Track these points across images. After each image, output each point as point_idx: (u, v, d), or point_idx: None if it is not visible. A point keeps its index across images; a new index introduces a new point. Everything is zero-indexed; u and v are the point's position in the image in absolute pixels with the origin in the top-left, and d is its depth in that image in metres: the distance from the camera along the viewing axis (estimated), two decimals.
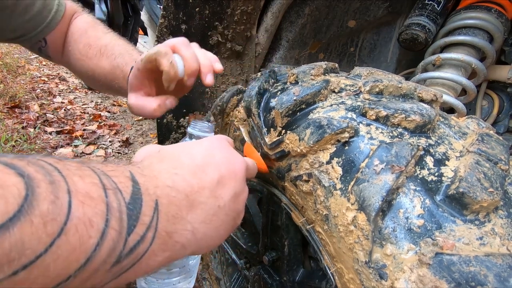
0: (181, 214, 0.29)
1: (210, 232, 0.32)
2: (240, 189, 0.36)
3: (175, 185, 0.30)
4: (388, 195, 0.34)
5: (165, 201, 0.28)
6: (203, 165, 0.33)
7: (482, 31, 0.77)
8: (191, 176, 0.31)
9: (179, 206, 0.29)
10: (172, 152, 0.34)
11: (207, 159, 0.34)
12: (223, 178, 0.33)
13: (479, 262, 0.29)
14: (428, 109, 0.41)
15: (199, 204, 0.31)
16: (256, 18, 0.92)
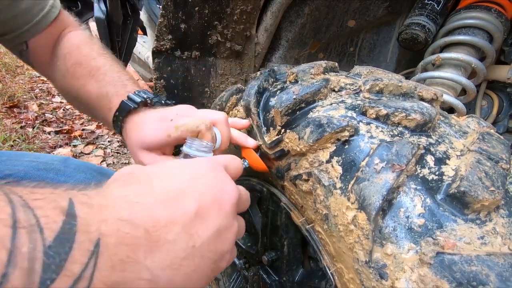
0: (135, 257, 0.22)
1: (178, 280, 0.25)
2: (226, 224, 0.28)
3: (131, 217, 0.23)
4: (388, 194, 0.34)
5: (112, 241, 0.21)
6: (179, 193, 0.26)
7: (482, 31, 0.77)
8: (159, 206, 0.25)
9: (133, 247, 0.22)
10: (146, 174, 0.27)
11: (187, 184, 0.27)
12: (203, 209, 0.26)
13: (480, 261, 0.28)
14: (428, 108, 0.41)
15: (165, 243, 0.24)
16: (255, 17, 0.92)
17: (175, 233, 0.25)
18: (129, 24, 1.22)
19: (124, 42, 1.21)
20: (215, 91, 1.05)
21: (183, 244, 0.25)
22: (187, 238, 0.25)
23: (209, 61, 0.99)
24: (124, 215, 0.23)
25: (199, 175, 0.29)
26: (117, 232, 0.22)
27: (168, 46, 0.91)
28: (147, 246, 0.23)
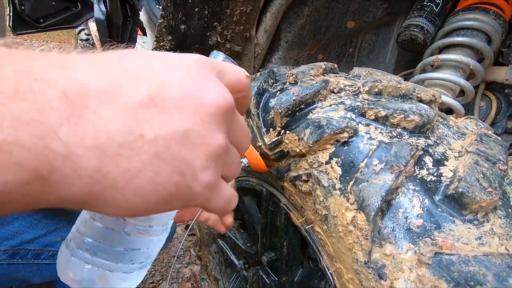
0: (42, 118, 0.15)
1: (112, 173, 0.17)
2: (202, 131, 0.20)
3: (48, 75, 0.16)
4: (387, 195, 0.34)
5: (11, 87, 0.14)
6: (138, 73, 0.19)
7: (480, 32, 0.77)
8: (100, 76, 0.17)
9: (41, 105, 0.15)
10: (126, 53, 0.20)
11: (156, 70, 0.19)
12: (164, 99, 0.19)
13: (478, 261, 0.29)
14: (427, 109, 0.41)
15: (94, 117, 0.17)
16: (255, 18, 0.92)
17: (112, 110, 0.17)
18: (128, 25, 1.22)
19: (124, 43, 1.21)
20: None
21: (124, 127, 0.17)
22: (131, 123, 0.18)
23: None
24: (41, 70, 0.16)
25: (178, 65, 0.21)
26: (25, 84, 0.15)
27: (168, 47, 0.91)
28: (64, 111, 0.16)
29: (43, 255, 0.55)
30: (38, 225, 0.55)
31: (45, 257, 0.55)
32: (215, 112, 0.21)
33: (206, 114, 0.20)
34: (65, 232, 0.57)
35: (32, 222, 0.54)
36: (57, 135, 0.16)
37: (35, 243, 0.54)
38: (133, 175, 0.18)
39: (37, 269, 0.55)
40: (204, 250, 0.97)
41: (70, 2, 1.67)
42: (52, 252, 0.56)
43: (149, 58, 0.20)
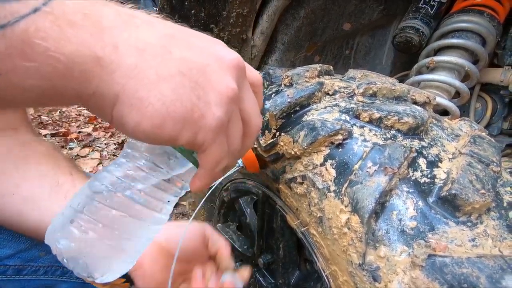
0: (102, 21, 0.20)
1: (147, 71, 0.21)
2: (221, 74, 0.24)
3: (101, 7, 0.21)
4: (381, 197, 0.34)
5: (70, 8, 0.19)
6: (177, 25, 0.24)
7: (474, 34, 0.78)
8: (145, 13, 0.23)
9: (95, 17, 0.20)
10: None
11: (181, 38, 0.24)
12: (194, 42, 0.24)
13: (471, 263, 0.29)
14: (421, 111, 0.41)
15: (136, 28, 0.22)
16: (251, 20, 0.92)
17: (151, 30, 0.23)
18: None
19: None
20: None
21: (158, 42, 0.22)
22: (164, 41, 0.23)
23: None
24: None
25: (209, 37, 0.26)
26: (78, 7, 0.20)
27: None
28: (117, 21, 0.21)
29: (25, 271, 0.50)
30: (19, 239, 0.50)
31: (27, 273, 0.51)
32: (231, 65, 0.25)
33: (224, 63, 0.25)
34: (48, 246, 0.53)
35: (14, 235, 0.49)
36: (111, 33, 0.20)
37: (16, 258, 0.49)
38: (160, 79, 0.21)
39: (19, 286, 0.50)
40: None
41: None
42: (35, 267, 0.51)
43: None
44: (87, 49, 0.19)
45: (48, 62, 0.18)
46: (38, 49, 0.18)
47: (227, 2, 0.86)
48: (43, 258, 0.52)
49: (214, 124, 0.24)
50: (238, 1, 0.86)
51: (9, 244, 0.50)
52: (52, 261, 0.53)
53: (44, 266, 0.53)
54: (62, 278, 0.56)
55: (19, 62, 0.17)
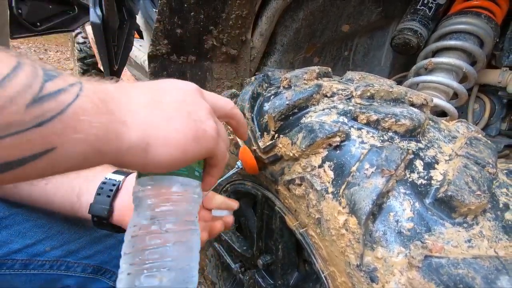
0: (116, 95, 0.27)
1: (157, 119, 0.28)
2: (196, 100, 0.33)
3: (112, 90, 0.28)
4: (378, 198, 0.35)
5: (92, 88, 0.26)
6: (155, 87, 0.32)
7: (472, 36, 0.78)
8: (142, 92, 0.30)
9: (110, 92, 0.28)
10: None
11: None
12: (172, 88, 0.32)
13: (467, 264, 0.29)
14: (417, 113, 0.41)
15: (131, 93, 0.29)
16: (251, 22, 0.93)
17: (147, 88, 0.31)
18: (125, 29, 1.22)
19: (120, 47, 1.21)
20: None
21: (152, 99, 0.30)
22: (155, 97, 0.30)
23: (205, 66, 1.00)
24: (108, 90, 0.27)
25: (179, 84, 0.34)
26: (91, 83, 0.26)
27: (164, 51, 0.92)
28: (124, 92, 0.28)
29: (31, 265, 0.53)
30: (26, 235, 0.53)
31: (34, 267, 0.54)
32: (193, 91, 0.33)
33: (189, 91, 0.33)
34: (54, 241, 0.55)
35: (20, 231, 0.52)
36: (124, 103, 0.28)
37: (23, 252, 0.52)
38: (169, 120, 0.29)
39: (25, 280, 0.53)
40: (201, 254, 0.97)
41: (67, 6, 1.67)
42: (41, 262, 0.54)
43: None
44: (115, 116, 0.26)
45: (92, 132, 0.24)
46: (84, 124, 0.23)
47: (226, 4, 0.87)
48: (49, 253, 0.55)
49: (213, 132, 0.32)
50: (237, 3, 0.87)
51: (16, 240, 0.53)
52: (57, 256, 0.56)
53: (49, 260, 0.55)
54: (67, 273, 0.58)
55: (71, 135, 0.23)
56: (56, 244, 0.56)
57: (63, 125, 0.22)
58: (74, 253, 0.58)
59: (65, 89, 0.23)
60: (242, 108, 0.54)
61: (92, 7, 1.04)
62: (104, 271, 0.62)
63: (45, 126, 0.22)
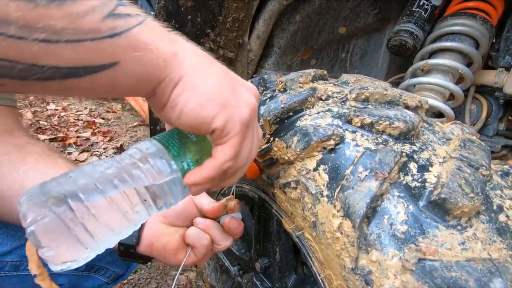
0: (174, 36, 0.30)
1: (203, 70, 0.31)
2: (236, 83, 0.33)
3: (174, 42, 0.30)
4: (372, 201, 0.35)
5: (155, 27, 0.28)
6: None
7: (468, 37, 0.79)
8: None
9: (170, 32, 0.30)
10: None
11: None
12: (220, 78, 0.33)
13: (460, 267, 0.29)
14: (411, 116, 0.42)
15: (188, 43, 0.31)
16: (248, 25, 0.93)
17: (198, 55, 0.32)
18: None
19: None
20: None
21: (203, 59, 0.32)
22: (207, 58, 0.32)
23: None
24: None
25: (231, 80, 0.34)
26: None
27: None
28: (176, 39, 0.31)
29: (22, 266, 0.53)
30: (15, 236, 0.52)
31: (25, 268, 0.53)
32: (255, 96, 0.35)
33: (250, 89, 0.35)
34: None
35: (9, 233, 0.52)
36: (179, 41, 0.31)
37: (14, 254, 0.52)
38: (210, 74, 0.31)
39: (17, 281, 0.53)
40: None
41: None
42: None
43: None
44: (168, 46, 0.29)
45: (147, 54, 0.27)
46: (142, 44, 0.26)
47: (223, 7, 0.87)
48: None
49: (242, 118, 0.32)
50: (234, 6, 0.87)
51: (5, 241, 0.52)
52: None
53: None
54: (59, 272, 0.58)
55: (131, 53, 0.26)
56: None
57: (127, 42, 0.25)
58: None
59: (132, 15, 0.26)
60: None
61: None
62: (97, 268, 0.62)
63: (115, 38, 0.24)
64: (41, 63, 0.22)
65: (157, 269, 1.21)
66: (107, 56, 0.24)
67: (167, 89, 0.29)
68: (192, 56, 0.30)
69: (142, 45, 0.26)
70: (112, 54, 0.25)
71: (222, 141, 0.32)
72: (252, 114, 0.33)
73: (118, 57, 0.25)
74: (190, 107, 0.29)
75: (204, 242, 0.47)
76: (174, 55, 0.29)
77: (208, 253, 0.49)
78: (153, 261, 1.14)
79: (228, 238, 0.49)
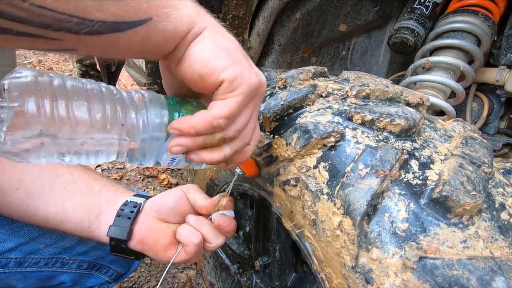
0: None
1: (221, 29, 0.33)
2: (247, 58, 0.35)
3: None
4: (373, 199, 0.34)
5: None
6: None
7: (469, 34, 0.78)
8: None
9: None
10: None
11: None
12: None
13: (461, 265, 0.29)
14: (413, 113, 0.41)
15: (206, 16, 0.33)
16: (247, 22, 0.92)
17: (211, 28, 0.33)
18: None
19: None
20: None
21: (222, 29, 0.34)
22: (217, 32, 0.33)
23: None
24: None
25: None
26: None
27: None
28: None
29: (26, 263, 0.54)
30: (19, 233, 0.53)
31: (28, 265, 0.54)
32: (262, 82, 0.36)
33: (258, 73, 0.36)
34: (48, 239, 0.55)
35: (13, 230, 0.53)
36: (202, 10, 0.32)
37: (17, 251, 0.53)
38: (226, 37, 0.33)
39: (20, 277, 0.54)
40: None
41: None
42: (35, 259, 0.55)
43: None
44: (191, 7, 0.31)
45: (174, 11, 0.29)
46: (170, 3, 0.29)
47: (223, 4, 0.86)
48: (43, 250, 0.55)
49: (252, 82, 0.32)
50: (233, 3, 0.86)
51: (9, 238, 0.53)
52: (52, 253, 0.56)
53: (44, 258, 0.56)
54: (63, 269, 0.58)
55: (163, 9, 0.28)
56: (50, 241, 0.56)
57: (159, 1, 0.28)
58: (68, 250, 0.58)
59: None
60: None
61: None
62: (99, 267, 0.62)
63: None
64: (92, 17, 0.24)
65: (157, 267, 1.21)
66: (143, 12, 0.27)
67: (187, 42, 0.31)
68: (212, 19, 0.33)
69: (170, 3, 0.29)
70: (147, 10, 0.27)
71: (223, 97, 0.32)
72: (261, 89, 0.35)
73: (151, 13, 0.27)
74: (204, 54, 0.31)
75: (195, 240, 0.47)
76: (197, 13, 0.31)
77: (200, 251, 0.48)
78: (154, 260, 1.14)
79: (220, 237, 0.49)
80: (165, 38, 0.30)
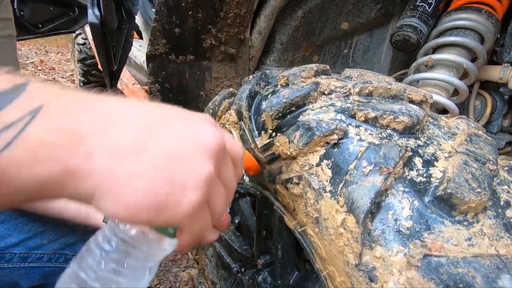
0: (76, 127, 0.22)
1: (122, 172, 0.22)
2: (193, 155, 0.25)
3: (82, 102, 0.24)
4: (376, 197, 0.34)
5: (56, 110, 0.22)
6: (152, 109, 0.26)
7: (472, 32, 0.77)
8: (120, 105, 0.25)
9: (76, 118, 0.22)
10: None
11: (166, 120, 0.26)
12: (171, 127, 0.25)
13: (467, 263, 0.28)
14: (416, 110, 0.41)
15: (111, 127, 0.23)
16: (249, 21, 0.92)
17: (127, 128, 0.24)
18: (124, 29, 1.22)
19: (119, 47, 1.21)
20: (210, 94, 1.05)
21: (133, 140, 0.24)
22: (139, 139, 0.24)
23: (204, 65, 1.00)
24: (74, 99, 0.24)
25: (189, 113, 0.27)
26: (63, 104, 0.23)
27: (163, 51, 0.91)
28: (93, 125, 0.23)
29: (29, 258, 0.54)
30: (23, 228, 0.54)
31: (32, 260, 0.55)
32: (209, 148, 0.26)
33: (202, 147, 0.25)
34: (51, 235, 0.56)
35: (17, 226, 0.53)
36: (86, 141, 0.22)
37: (21, 246, 0.53)
38: (134, 177, 0.23)
39: (24, 273, 0.54)
40: (201, 254, 0.96)
41: (67, 8, 1.67)
42: (39, 255, 0.55)
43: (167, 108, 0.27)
44: (60, 164, 0.21)
45: (25, 184, 0.21)
46: (16, 180, 0.21)
47: (224, 2, 0.86)
48: (47, 246, 0.56)
49: (190, 208, 0.25)
50: (235, 2, 0.86)
51: (13, 234, 0.54)
52: (55, 248, 0.57)
53: (48, 253, 0.56)
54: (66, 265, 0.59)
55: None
56: (53, 237, 0.56)
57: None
58: (72, 246, 0.58)
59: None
60: (240, 107, 0.54)
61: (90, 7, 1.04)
62: None
63: None
64: None
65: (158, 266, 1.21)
66: None
67: (81, 202, 0.24)
68: (105, 158, 0.23)
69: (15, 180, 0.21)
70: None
71: (179, 229, 0.28)
72: (205, 189, 0.25)
73: None
74: (121, 217, 0.23)
75: None
76: (69, 174, 0.22)
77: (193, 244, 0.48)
78: None
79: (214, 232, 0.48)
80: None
